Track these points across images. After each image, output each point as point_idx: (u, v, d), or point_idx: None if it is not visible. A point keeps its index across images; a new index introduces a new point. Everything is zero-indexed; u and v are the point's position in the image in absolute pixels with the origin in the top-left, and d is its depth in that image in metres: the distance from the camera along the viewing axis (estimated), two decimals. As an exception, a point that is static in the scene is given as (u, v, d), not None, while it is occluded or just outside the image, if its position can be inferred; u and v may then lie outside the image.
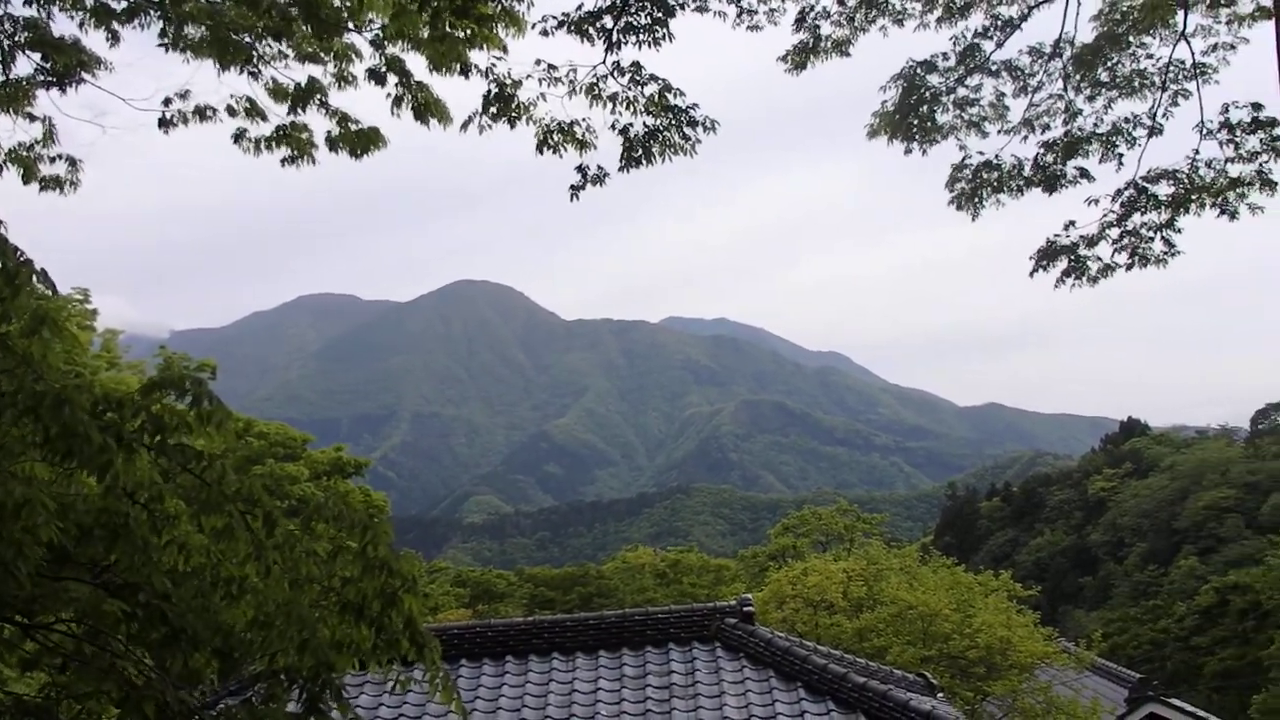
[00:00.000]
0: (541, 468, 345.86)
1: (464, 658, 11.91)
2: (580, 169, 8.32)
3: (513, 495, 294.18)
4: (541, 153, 8.33)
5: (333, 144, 8.76)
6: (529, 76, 8.15)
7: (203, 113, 8.62)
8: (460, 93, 8.74)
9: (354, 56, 8.66)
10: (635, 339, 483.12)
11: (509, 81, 8.12)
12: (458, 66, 8.34)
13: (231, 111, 8.58)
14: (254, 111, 8.57)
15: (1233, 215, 8.35)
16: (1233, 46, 8.41)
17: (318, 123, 8.83)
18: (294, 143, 8.70)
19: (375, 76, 8.68)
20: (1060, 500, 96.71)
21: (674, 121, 7.97)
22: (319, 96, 8.73)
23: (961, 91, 8.32)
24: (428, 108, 8.73)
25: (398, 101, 8.72)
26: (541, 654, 11.98)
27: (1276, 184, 8.15)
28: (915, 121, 8.28)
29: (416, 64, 8.48)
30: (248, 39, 8.35)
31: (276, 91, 8.63)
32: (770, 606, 21.71)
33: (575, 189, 8.35)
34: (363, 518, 5.43)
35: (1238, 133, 8.20)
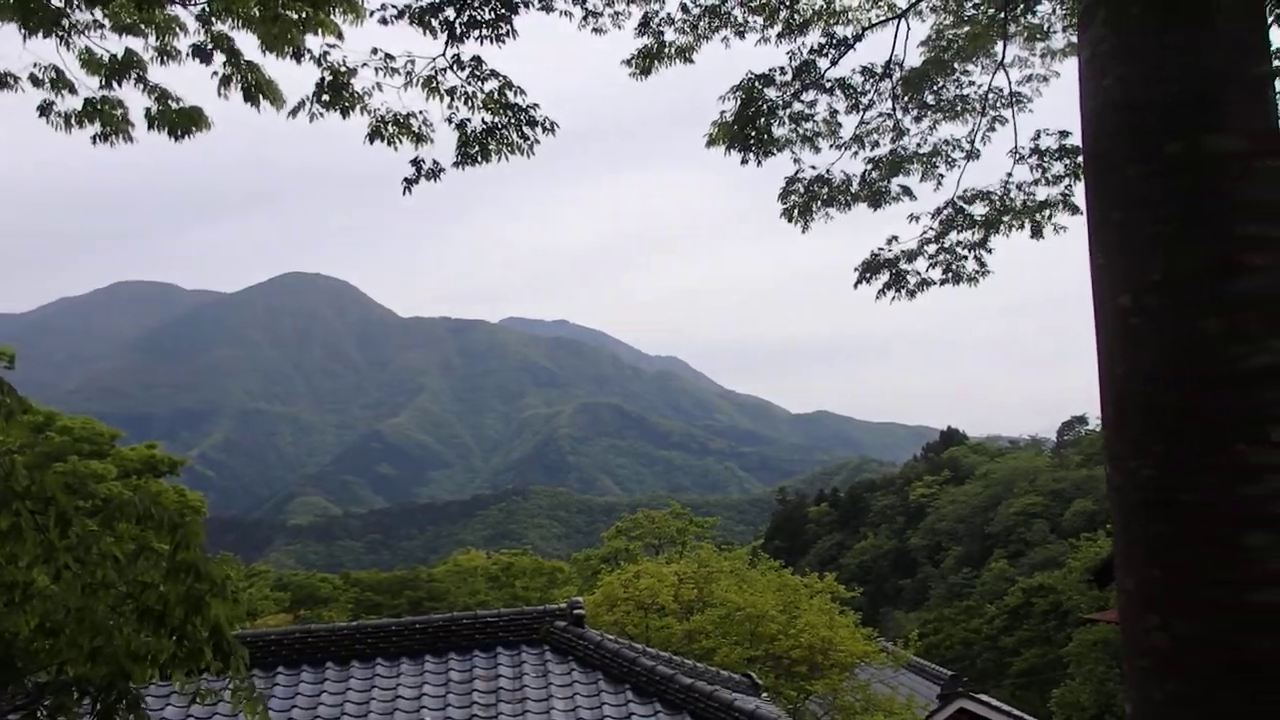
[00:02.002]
0: (374, 468, 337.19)
1: (281, 665, 11.44)
2: (415, 163, 8.11)
3: (342, 496, 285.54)
4: (373, 143, 8.09)
5: (151, 122, 8.23)
6: (365, 65, 7.90)
7: (2, 80, 7.96)
8: (293, 76, 8.39)
9: (178, 30, 8.16)
10: (474, 339, 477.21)
11: (344, 69, 7.84)
12: (290, 50, 7.99)
13: (36, 81, 7.95)
14: (61, 83, 7.96)
15: (1039, 235, 8.93)
16: (1045, 79, 8.96)
17: (136, 99, 8.29)
18: (107, 119, 8.13)
19: (201, 54, 8.21)
20: (884, 505, 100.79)
21: (513, 120, 7.88)
22: (137, 71, 8.19)
23: (797, 106, 8.56)
24: (258, 89, 8.31)
25: (225, 81, 8.27)
26: (365, 660, 11.63)
27: (1079, 208, 8.73)
28: (752, 133, 8.46)
29: (247, 43, 8.08)
30: (57, 3, 7.77)
31: (90, 63, 8.05)
32: (602, 609, 21.77)
33: (409, 182, 8.14)
34: (171, 517, 5.11)
35: (1046, 158, 8.77)
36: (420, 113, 8.00)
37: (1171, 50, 2.77)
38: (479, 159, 8.10)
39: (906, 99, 8.70)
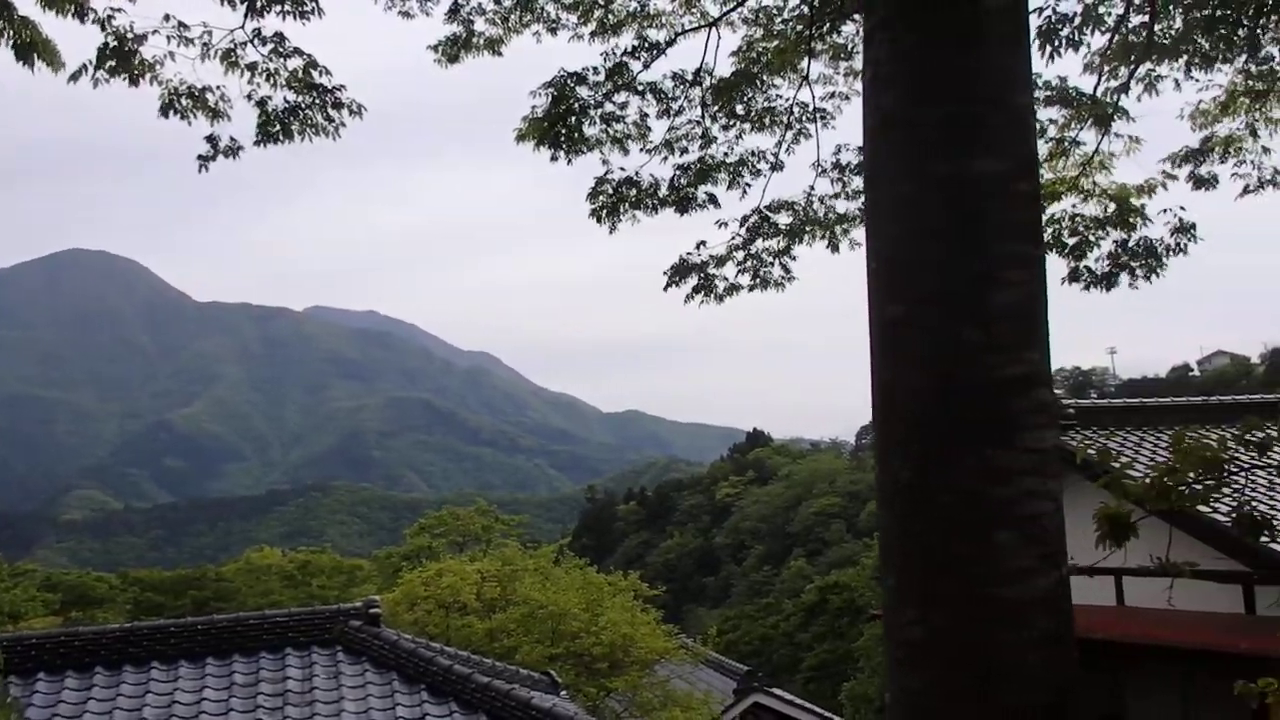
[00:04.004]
0: (160, 460, 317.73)
1: (43, 670, 10.61)
2: (210, 139, 7.74)
3: (124, 490, 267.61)
4: (166, 116, 7.66)
5: (-97, 75, 7.47)
6: (156, 31, 7.44)
7: None
8: (77, 37, 7.79)
9: (-63, -22, 7.44)
10: (277, 327, 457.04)
11: (131, 34, 7.35)
12: (72, 8, 7.43)
13: None
14: None
15: (835, 248, 9.36)
16: (848, 96, 9.37)
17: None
18: None
19: (-35, 5, 7.51)
20: (691, 505, 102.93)
21: (317, 100, 7.63)
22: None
23: (608, 107, 8.64)
24: (32, 49, 7.68)
25: (-5, 37, 7.60)
26: (139, 663, 10.95)
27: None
28: (563, 131, 8.49)
29: (23, -3, 7.44)
30: None
31: None
32: (402, 608, 21.31)
33: (203, 159, 7.77)
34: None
35: (847, 173, 9.19)
36: (218, 87, 7.65)
37: (945, 75, 2.96)
38: (281, 138, 7.81)
39: (716, 107, 8.91)
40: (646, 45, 8.48)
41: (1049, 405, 2.91)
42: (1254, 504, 4.54)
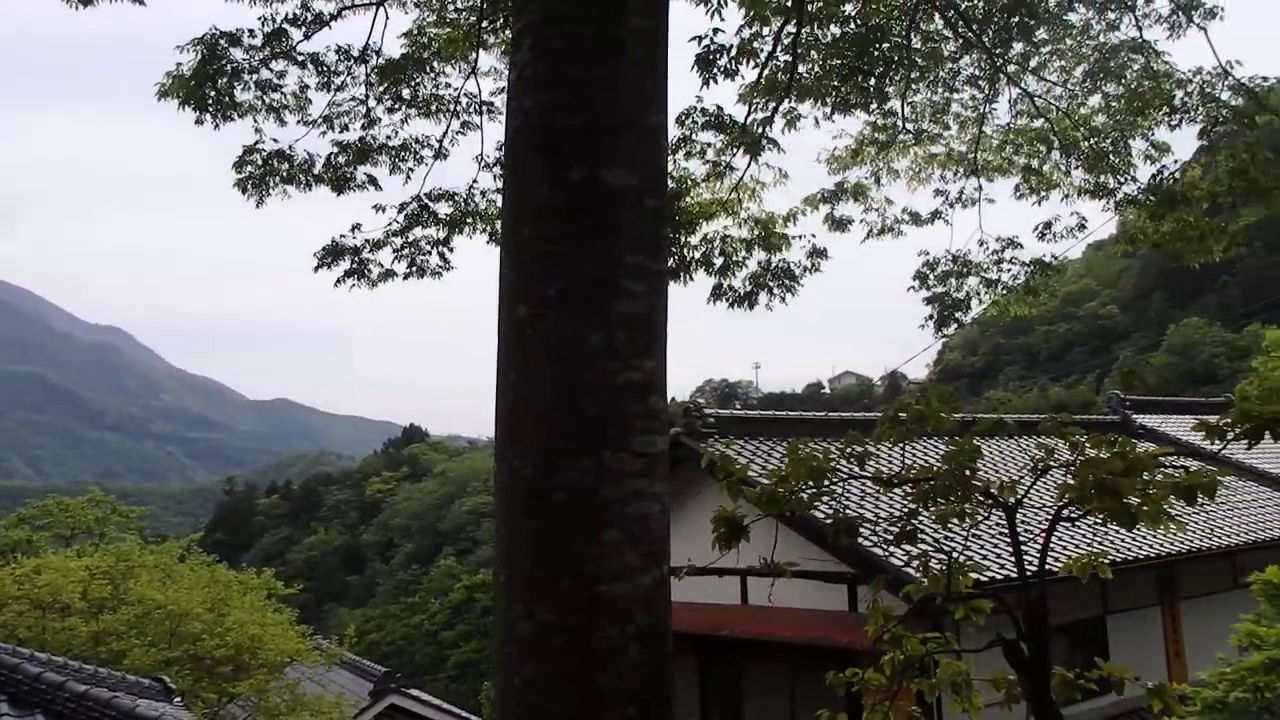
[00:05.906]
0: None
1: None
2: None
3: None
4: None
5: None
6: None
7: None
8: None
9: None
10: None
11: None
12: None
13: None
14: None
15: (497, 241, 9.32)
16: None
17: None
18: None
19: None
20: (339, 500, 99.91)
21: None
22: None
23: (265, 74, 8.10)
24: None
25: None
26: None
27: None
28: (212, 93, 7.85)
29: None
30: None
31: None
32: (-13, 610, 18.86)
33: None
34: None
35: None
36: None
37: (584, 86, 3.06)
38: None
39: (382, 88, 8.61)
40: (311, 16, 8.02)
41: (660, 412, 3.07)
42: (851, 510, 5.02)
